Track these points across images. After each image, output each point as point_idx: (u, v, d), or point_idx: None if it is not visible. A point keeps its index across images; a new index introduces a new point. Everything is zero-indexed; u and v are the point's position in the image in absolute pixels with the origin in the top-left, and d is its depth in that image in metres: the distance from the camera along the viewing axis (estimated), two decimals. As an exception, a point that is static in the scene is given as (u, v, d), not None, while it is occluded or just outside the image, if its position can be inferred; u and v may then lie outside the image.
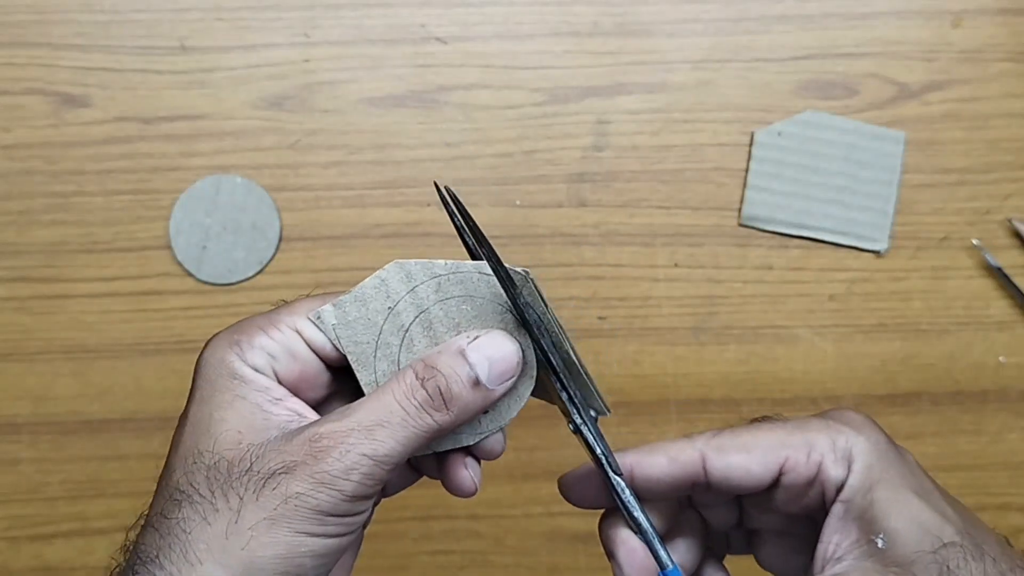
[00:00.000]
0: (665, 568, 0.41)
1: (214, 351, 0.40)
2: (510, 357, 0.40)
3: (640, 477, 0.42)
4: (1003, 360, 0.68)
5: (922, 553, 0.39)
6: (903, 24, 0.68)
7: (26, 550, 0.68)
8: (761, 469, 0.42)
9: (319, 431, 0.38)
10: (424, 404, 0.38)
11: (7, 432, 0.67)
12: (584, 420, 0.41)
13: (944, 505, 0.41)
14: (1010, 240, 0.68)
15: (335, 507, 0.37)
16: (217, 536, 0.37)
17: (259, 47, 0.67)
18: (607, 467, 0.41)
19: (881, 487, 0.40)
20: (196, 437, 0.39)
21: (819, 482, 0.41)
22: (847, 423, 0.42)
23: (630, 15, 0.67)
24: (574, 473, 0.44)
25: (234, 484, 0.37)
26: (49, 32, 0.67)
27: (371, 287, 0.41)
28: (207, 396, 0.40)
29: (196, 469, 0.38)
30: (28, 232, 0.67)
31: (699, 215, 0.68)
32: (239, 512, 0.37)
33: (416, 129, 0.67)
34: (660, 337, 0.68)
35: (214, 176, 0.67)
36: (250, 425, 0.39)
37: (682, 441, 0.43)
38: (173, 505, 0.38)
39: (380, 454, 0.37)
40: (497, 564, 0.69)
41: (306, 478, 0.37)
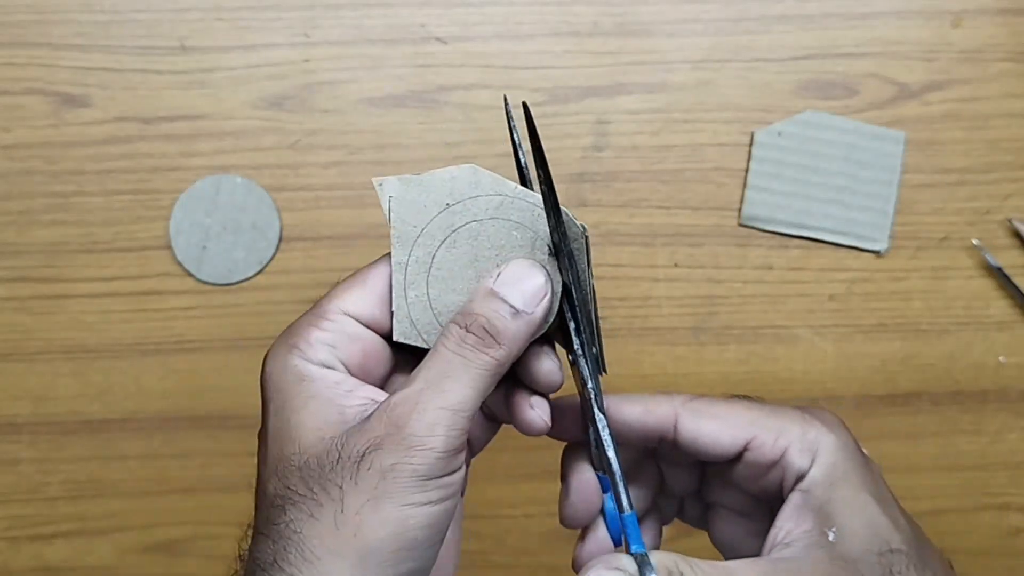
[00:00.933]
0: (624, 511, 0.42)
1: (275, 360, 0.41)
2: (536, 277, 0.41)
3: (614, 418, 0.44)
4: (1003, 360, 0.68)
5: (870, 553, 0.40)
6: (903, 24, 0.68)
7: (26, 550, 0.68)
8: (728, 440, 0.43)
9: (392, 400, 0.38)
10: (477, 345, 0.39)
11: (7, 432, 0.67)
12: (584, 354, 0.42)
13: (897, 515, 0.42)
14: (1010, 240, 0.68)
15: (431, 468, 0.38)
16: (327, 529, 0.37)
17: (259, 47, 0.67)
18: (594, 403, 0.42)
19: (841, 485, 0.41)
20: (280, 446, 0.39)
21: (780, 467, 0.42)
22: (821, 420, 0.43)
23: (630, 15, 0.67)
24: (559, 401, 0.45)
25: (329, 476, 0.38)
26: (49, 32, 0.67)
27: (439, 178, 0.41)
28: (280, 406, 0.40)
29: (288, 473, 0.38)
30: (28, 232, 0.67)
31: (699, 215, 0.68)
32: (342, 501, 0.37)
33: (416, 129, 0.67)
34: (660, 337, 0.68)
35: (214, 176, 0.67)
36: (327, 421, 0.39)
37: (661, 396, 0.44)
38: (277, 511, 0.38)
39: (455, 402, 0.38)
40: (497, 564, 0.69)
41: (394, 447, 0.37)
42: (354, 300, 0.41)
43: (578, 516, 0.45)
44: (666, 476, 0.47)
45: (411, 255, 0.42)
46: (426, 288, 0.42)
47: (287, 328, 0.42)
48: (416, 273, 0.42)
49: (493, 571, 0.69)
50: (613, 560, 0.39)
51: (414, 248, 0.42)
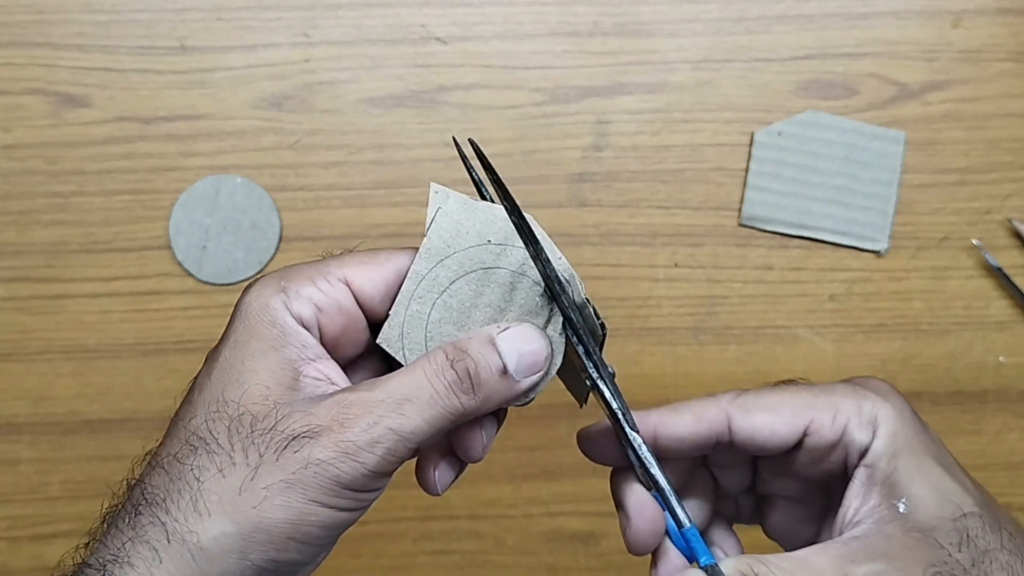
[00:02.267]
0: (683, 526, 0.41)
1: (259, 294, 0.40)
2: (539, 352, 0.39)
3: (664, 435, 0.42)
4: (1003, 360, 0.68)
5: (943, 519, 0.39)
6: (903, 24, 0.68)
7: (26, 550, 0.68)
8: (786, 430, 0.41)
9: (348, 398, 0.37)
10: (453, 385, 0.38)
11: (7, 432, 0.67)
12: (602, 375, 0.41)
13: (964, 478, 0.41)
14: (1010, 240, 0.68)
15: (354, 480, 0.37)
16: (230, 490, 0.37)
17: (259, 47, 0.67)
18: (623, 423, 0.41)
19: (905, 454, 0.40)
20: (224, 383, 0.38)
21: (842, 446, 0.41)
22: (873, 390, 0.42)
23: (630, 15, 0.67)
24: (593, 427, 0.44)
25: (256, 440, 0.37)
26: (49, 32, 0.67)
27: (494, 213, 0.40)
28: (243, 341, 0.39)
29: (218, 418, 0.38)
30: (28, 232, 0.67)
31: (699, 215, 0.68)
32: (256, 469, 0.37)
33: (416, 129, 0.67)
34: (660, 337, 0.68)
35: (214, 176, 0.67)
36: (279, 381, 0.38)
37: (707, 400, 0.43)
38: (188, 450, 0.38)
39: (406, 430, 0.37)
40: (497, 564, 0.69)
41: (330, 445, 0.37)
42: (360, 274, 0.41)
43: (644, 540, 0.43)
44: (719, 479, 0.46)
45: (432, 271, 0.41)
46: (430, 308, 0.41)
47: (284, 268, 0.41)
48: (428, 290, 0.41)
49: (493, 571, 0.69)
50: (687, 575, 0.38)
51: (438, 266, 0.41)
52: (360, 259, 0.41)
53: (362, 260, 0.41)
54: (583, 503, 0.68)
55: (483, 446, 0.41)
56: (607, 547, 0.68)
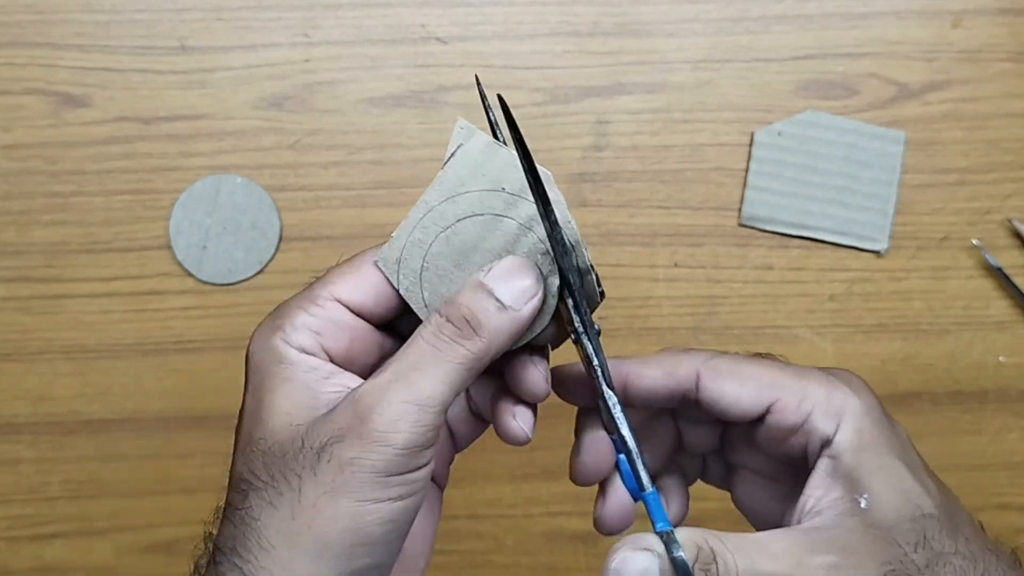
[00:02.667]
0: (645, 490, 0.41)
1: (259, 341, 0.40)
2: (527, 274, 0.40)
3: (633, 386, 0.43)
4: (1003, 360, 0.68)
5: (903, 519, 0.39)
6: (903, 24, 0.68)
7: (26, 550, 0.68)
8: (751, 402, 0.42)
9: (359, 391, 0.38)
10: (453, 336, 0.38)
11: (7, 432, 0.67)
12: (587, 331, 0.41)
13: (927, 479, 0.41)
14: (1010, 240, 0.68)
15: (390, 464, 0.37)
16: (284, 519, 0.37)
17: (259, 47, 0.67)
18: (601, 380, 0.41)
19: (870, 450, 0.41)
20: (250, 427, 0.39)
21: (804, 431, 0.41)
22: (846, 382, 0.42)
23: (630, 15, 0.67)
24: (569, 369, 0.44)
25: (291, 464, 0.37)
26: (49, 32, 0.67)
27: (513, 162, 0.41)
28: (257, 386, 0.39)
29: (253, 457, 0.38)
30: (28, 232, 0.67)
31: (699, 215, 0.68)
32: (300, 491, 0.37)
33: (416, 129, 0.67)
34: (660, 337, 0.68)
35: (214, 176, 0.67)
36: (299, 405, 0.38)
37: (680, 355, 0.43)
38: (239, 496, 0.38)
39: (422, 396, 0.37)
40: (497, 564, 0.69)
41: (355, 440, 0.37)
42: (347, 287, 0.41)
43: (589, 474, 0.44)
44: (685, 434, 0.46)
45: (441, 205, 0.41)
46: (432, 240, 0.41)
47: (277, 307, 0.41)
48: (433, 222, 0.41)
49: (493, 571, 0.69)
50: (639, 541, 0.38)
51: (448, 202, 0.41)
52: (341, 272, 0.41)
53: (343, 273, 0.41)
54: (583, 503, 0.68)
55: (544, 377, 0.41)
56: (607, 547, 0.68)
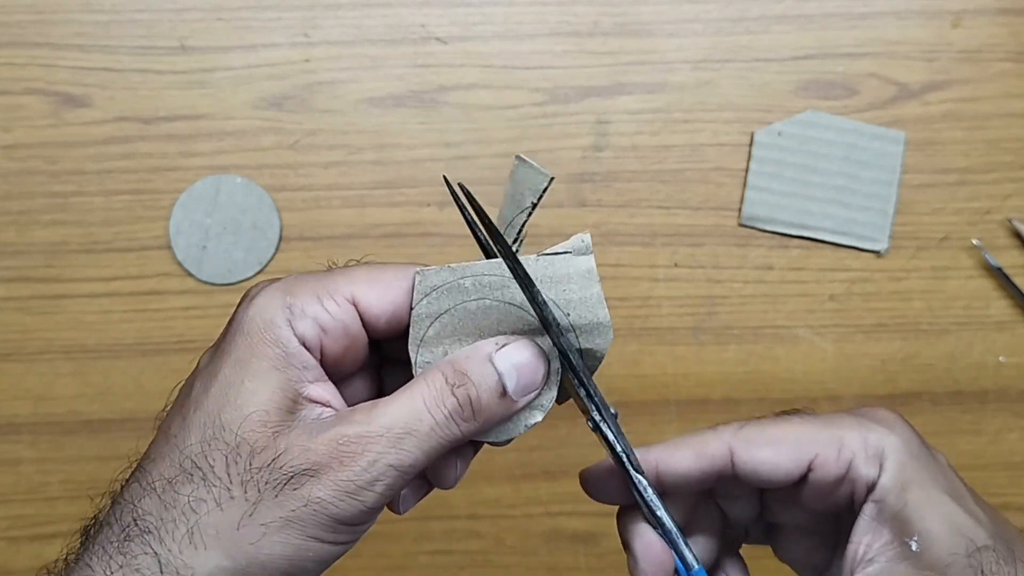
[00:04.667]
0: (691, 569, 0.40)
1: (262, 308, 0.38)
2: (537, 368, 0.39)
3: (666, 472, 0.42)
4: (1003, 360, 0.68)
5: (957, 556, 0.38)
6: (903, 24, 0.68)
7: (26, 550, 0.68)
8: (790, 464, 0.41)
9: (347, 433, 0.36)
10: (453, 413, 0.37)
11: (7, 432, 0.67)
12: (604, 417, 0.40)
13: (975, 507, 0.40)
14: (1010, 240, 0.68)
15: (353, 516, 0.37)
16: (228, 525, 0.36)
17: (259, 47, 0.67)
18: (628, 465, 0.40)
19: (914, 488, 0.40)
20: (221, 404, 0.37)
21: (849, 480, 0.40)
22: (879, 421, 0.41)
23: (630, 15, 0.67)
24: (596, 468, 0.43)
25: (255, 475, 0.36)
26: (49, 32, 0.67)
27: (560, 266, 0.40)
28: (243, 359, 0.38)
29: (216, 445, 0.37)
30: (28, 232, 0.67)
31: (699, 215, 0.68)
32: (256, 505, 0.36)
33: (416, 129, 0.67)
34: (660, 337, 0.68)
35: (214, 176, 0.67)
36: (279, 405, 0.37)
37: (708, 434, 0.42)
38: (184, 478, 0.37)
39: (406, 464, 0.37)
40: (497, 564, 0.69)
41: (330, 484, 0.36)
42: (368, 293, 0.39)
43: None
44: (727, 510, 0.45)
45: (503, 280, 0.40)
46: (472, 301, 0.40)
47: (290, 279, 0.39)
48: (487, 286, 0.40)
49: (493, 571, 0.69)
50: None
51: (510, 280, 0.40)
52: (368, 275, 0.40)
53: (370, 277, 0.39)
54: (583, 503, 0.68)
55: (456, 476, 0.41)
56: (607, 547, 0.68)
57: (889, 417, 0.42)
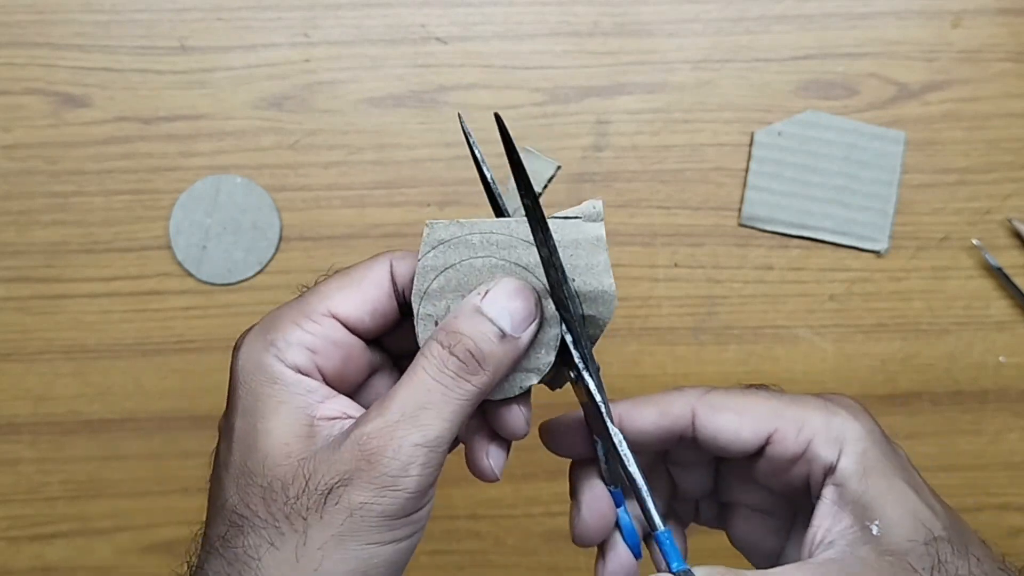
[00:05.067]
0: (656, 529, 0.40)
1: (249, 355, 0.39)
2: (526, 300, 0.38)
3: (628, 428, 0.42)
4: (1003, 360, 0.68)
5: (916, 543, 0.38)
6: (903, 24, 0.68)
7: (26, 550, 0.68)
8: (749, 434, 0.41)
9: (365, 431, 0.36)
10: (459, 371, 0.37)
11: (7, 432, 0.67)
12: (587, 368, 0.40)
13: (933, 501, 0.41)
14: (1010, 240, 0.68)
15: (401, 508, 0.36)
16: (287, 561, 0.36)
17: (259, 47, 0.67)
18: (606, 416, 0.40)
19: (876, 475, 0.40)
20: (244, 454, 0.38)
21: (806, 460, 0.41)
22: (844, 407, 0.42)
23: (630, 15, 0.67)
24: (560, 420, 0.43)
25: (294, 505, 0.36)
26: (49, 32, 0.67)
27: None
28: (250, 407, 0.38)
29: (251, 492, 0.37)
30: (28, 232, 0.67)
31: (699, 215, 0.68)
32: (305, 533, 0.36)
33: (416, 129, 0.67)
34: (660, 337, 0.68)
35: (214, 176, 0.67)
36: (296, 435, 0.37)
37: (673, 393, 0.42)
38: (235, 531, 0.37)
39: (432, 438, 0.36)
40: (497, 564, 0.69)
41: (365, 486, 0.36)
42: (344, 302, 0.39)
43: (592, 533, 0.43)
44: (678, 479, 0.45)
45: (508, 239, 0.40)
46: (479, 258, 0.40)
47: (267, 317, 0.40)
48: (494, 244, 0.40)
49: (493, 571, 0.69)
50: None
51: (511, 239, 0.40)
52: (337, 286, 0.40)
53: (340, 286, 0.40)
54: (583, 503, 0.68)
55: (525, 419, 0.41)
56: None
57: (854, 406, 0.42)
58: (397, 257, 0.41)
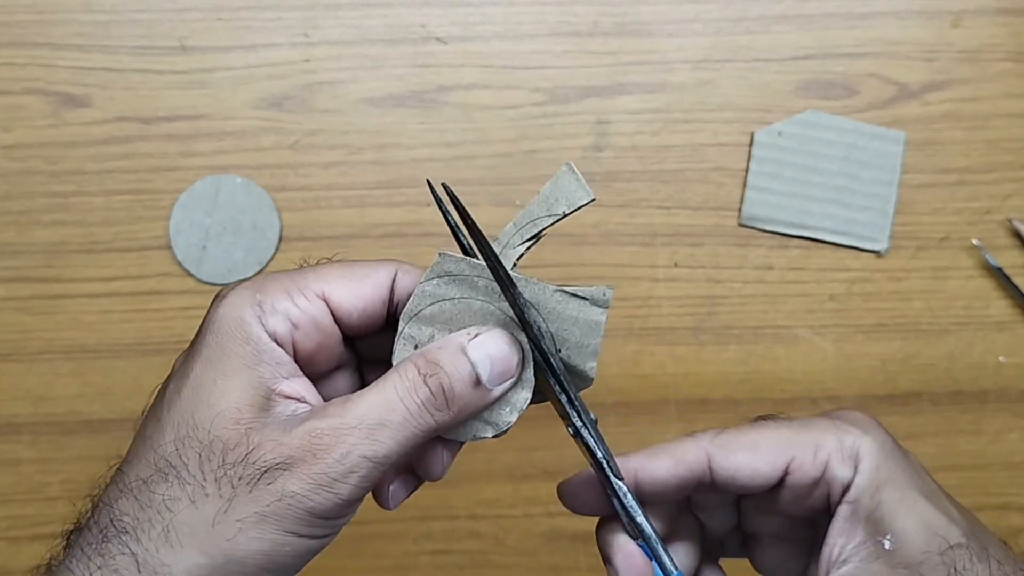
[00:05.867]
0: (670, 575, 0.40)
1: (232, 306, 0.38)
2: (510, 357, 0.39)
3: (645, 480, 0.42)
4: (1003, 360, 0.68)
5: (930, 554, 0.38)
6: (903, 24, 0.68)
7: (26, 550, 0.68)
8: (768, 468, 0.41)
9: (320, 426, 0.36)
10: (426, 403, 0.37)
11: (7, 432, 0.67)
12: (584, 423, 0.40)
13: (949, 507, 0.40)
14: (1010, 240, 0.68)
15: (329, 510, 0.36)
16: (203, 522, 0.36)
17: (259, 47, 0.67)
18: (609, 472, 0.40)
19: (888, 488, 0.40)
20: (194, 403, 0.37)
21: (825, 482, 0.41)
22: (853, 423, 0.42)
23: (630, 15, 0.67)
24: (575, 479, 0.43)
25: (228, 471, 0.36)
26: (49, 32, 0.67)
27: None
28: (215, 358, 0.38)
29: (189, 443, 0.37)
30: (28, 232, 0.67)
31: (699, 215, 0.68)
32: (230, 501, 0.36)
33: (416, 129, 0.67)
34: (660, 337, 0.68)
35: (214, 176, 0.67)
36: (251, 402, 0.37)
37: (686, 441, 0.42)
38: (159, 477, 0.37)
39: (380, 455, 0.36)
40: (497, 564, 0.69)
41: (304, 477, 0.36)
42: (338, 289, 0.39)
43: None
44: (704, 520, 0.45)
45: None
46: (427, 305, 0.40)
47: (260, 277, 0.40)
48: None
49: (493, 571, 0.69)
50: None
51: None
52: (339, 272, 0.40)
53: (341, 274, 0.40)
54: (583, 503, 0.68)
55: (444, 466, 0.40)
56: (607, 547, 0.68)
57: (863, 419, 0.42)
58: (404, 269, 0.41)
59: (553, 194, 0.41)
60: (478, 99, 0.67)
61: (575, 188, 0.41)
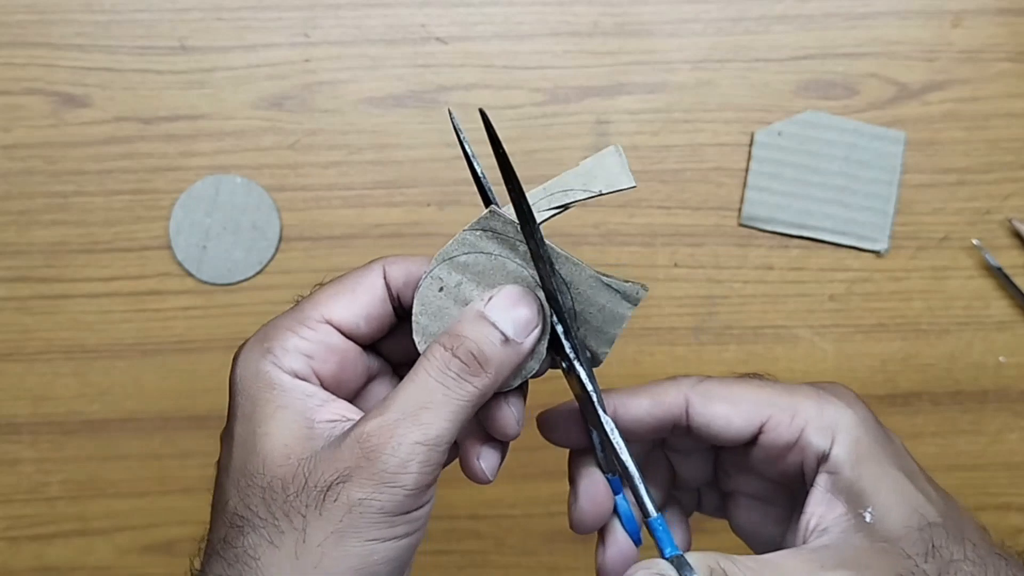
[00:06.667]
0: (649, 516, 0.41)
1: (247, 363, 0.39)
2: (529, 304, 0.39)
3: (623, 417, 0.42)
4: (1003, 360, 0.68)
5: (910, 529, 0.39)
6: (903, 24, 0.68)
7: (26, 550, 0.68)
8: (742, 422, 0.41)
9: (365, 430, 0.37)
10: (461, 373, 0.38)
11: (7, 432, 0.67)
12: (579, 357, 0.41)
13: (927, 487, 0.41)
14: (1010, 240, 0.68)
15: (400, 504, 0.36)
16: (287, 558, 0.36)
17: (259, 47, 0.67)
18: (598, 406, 0.41)
19: (869, 462, 0.40)
20: (244, 457, 0.38)
21: (799, 448, 0.41)
22: (837, 396, 0.42)
23: (630, 15, 0.67)
24: (556, 410, 0.44)
25: (293, 503, 0.36)
26: (49, 32, 0.67)
27: None
28: (248, 413, 0.39)
29: (251, 492, 0.37)
30: (28, 232, 0.67)
31: (699, 215, 0.68)
32: (304, 531, 0.36)
33: (416, 129, 0.67)
34: (660, 337, 0.68)
35: (214, 176, 0.67)
36: (296, 437, 0.38)
37: (667, 383, 0.43)
38: (235, 532, 0.37)
39: (432, 436, 0.37)
40: (497, 564, 0.69)
41: (364, 482, 0.36)
42: (338, 308, 0.40)
43: (589, 520, 0.44)
44: (677, 467, 0.46)
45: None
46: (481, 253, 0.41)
47: (264, 327, 0.40)
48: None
49: (493, 571, 0.69)
50: (652, 566, 0.38)
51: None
52: (332, 292, 0.41)
53: (333, 292, 0.40)
54: (583, 503, 0.68)
55: (516, 420, 0.41)
56: (607, 547, 0.68)
57: (847, 394, 0.42)
58: (390, 262, 0.42)
59: (593, 170, 0.41)
60: (478, 99, 0.67)
61: (618, 171, 0.41)
